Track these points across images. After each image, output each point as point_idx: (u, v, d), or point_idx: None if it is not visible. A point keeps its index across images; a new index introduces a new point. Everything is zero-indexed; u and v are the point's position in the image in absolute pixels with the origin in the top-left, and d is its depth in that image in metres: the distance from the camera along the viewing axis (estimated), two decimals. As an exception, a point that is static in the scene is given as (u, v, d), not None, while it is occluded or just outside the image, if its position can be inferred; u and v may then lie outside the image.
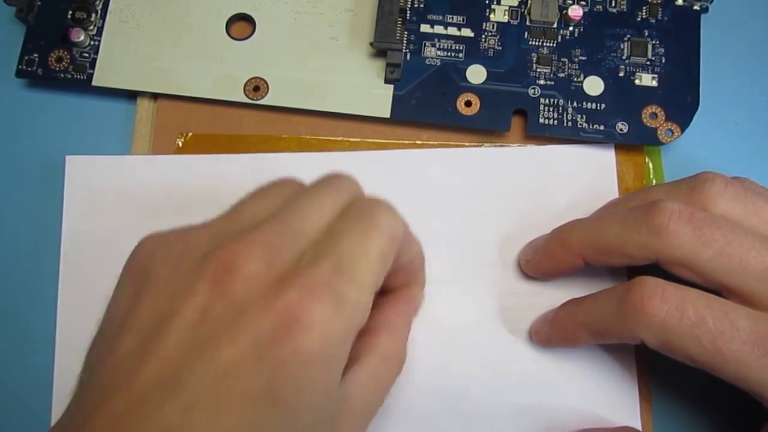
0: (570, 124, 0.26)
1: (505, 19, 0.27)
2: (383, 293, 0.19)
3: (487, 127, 0.26)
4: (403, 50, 0.27)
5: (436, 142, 0.27)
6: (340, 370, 0.17)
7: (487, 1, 0.27)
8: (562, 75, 0.26)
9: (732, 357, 0.19)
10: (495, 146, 0.27)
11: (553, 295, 0.24)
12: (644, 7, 0.27)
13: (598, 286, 0.24)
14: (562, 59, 0.27)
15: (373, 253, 0.17)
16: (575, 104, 0.26)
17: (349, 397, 0.18)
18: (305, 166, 0.26)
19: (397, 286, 0.22)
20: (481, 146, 0.27)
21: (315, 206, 0.18)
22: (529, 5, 0.27)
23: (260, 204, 0.19)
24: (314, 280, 0.16)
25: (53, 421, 0.24)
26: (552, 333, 0.23)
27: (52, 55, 0.27)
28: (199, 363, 0.15)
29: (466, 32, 0.27)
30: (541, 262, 0.24)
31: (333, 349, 0.16)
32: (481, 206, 0.26)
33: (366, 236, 0.18)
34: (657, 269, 0.21)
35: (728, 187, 0.21)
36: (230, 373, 0.15)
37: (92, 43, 0.27)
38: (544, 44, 0.27)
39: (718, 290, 0.20)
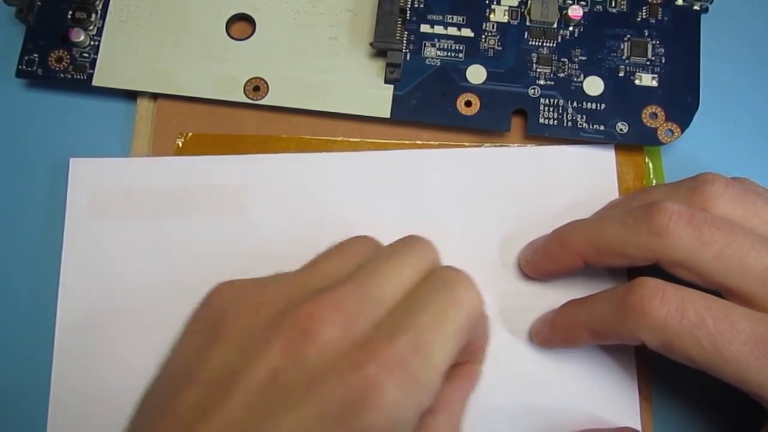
0: (570, 124, 0.26)
1: (505, 19, 0.27)
2: None
3: (487, 127, 0.26)
4: (403, 50, 0.27)
5: (436, 143, 0.27)
6: None
7: (487, 1, 0.27)
8: (562, 75, 0.26)
9: (732, 358, 0.19)
10: (495, 146, 0.26)
11: (553, 296, 0.24)
12: (644, 7, 0.27)
13: (598, 287, 0.24)
14: (562, 59, 0.27)
15: (451, 332, 0.17)
16: (575, 104, 0.26)
17: None
18: (305, 167, 0.26)
19: (458, 362, 0.21)
20: (481, 146, 0.27)
21: (394, 272, 0.18)
22: (529, 5, 0.27)
23: (337, 263, 0.19)
24: (391, 357, 0.16)
25: (50, 422, 0.24)
26: (552, 334, 0.23)
27: (52, 55, 0.27)
28: (262, 428, 0.15)
29: (466, 32, 0.27)
30: (540, 262, 0.24)
31: (399, 430, 0.16)
32: (481, 206, 0.26)
33: (445, 312, 0.17)
34: (657, 270, 0.21)
35: (728, 188, 0.21)
36: None
37: (92, 43, 0.27)
38: (544, 44, 0.27)
39: (719, 291, 0.20)
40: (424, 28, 0.27)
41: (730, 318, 0.19)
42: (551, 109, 0.26)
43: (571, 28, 0.27)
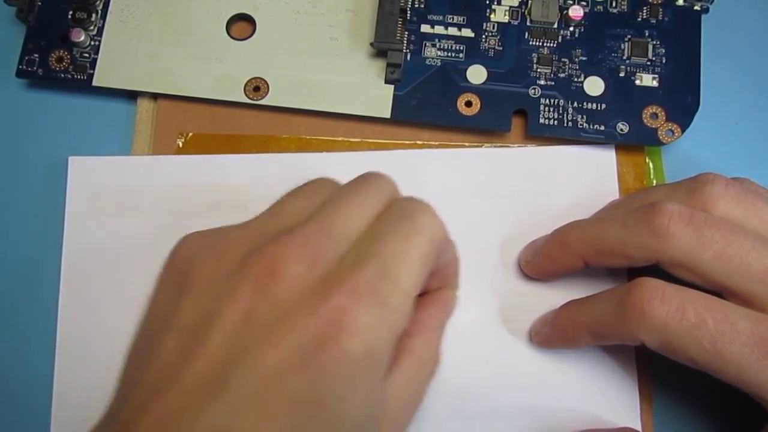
0: (570, 124, 0.26)
1: (506, 19, 0.27)
2: (418, 296, 0.19)
3: (487, 127, 0.26)
4: (404, 50, 0.27)
5: (436, 143, 0.27)
6: (381, 375, 0.17)
7: (487, 2, 0.27)
8: (562, 75, 0.26)
9: (732, 358, 0.19)
10: (495, 147, 0.26)
11: (553, 296, 0.24)
12: (645, 8, 0.27)
13: (598, 287, 0.24)
14: (562, 59, 0.27)
15: (415, 256, 0.17)
16: (575, 104, 0.26)
17: (388, 402, 0.18)
18: (305, 167, 0.26)
19: (431, 289, 0.22)
20: (481, 147, 0.27)
21: (354, 207, 0.18)
22: (529, 5, 0.27)
23: (298, 204, 0.19)
24: (358, 284, 0.16)
25: (53, 421, 0.24)
26: (552, 334, 0.23)
27: (52, 55, 0.27)
28: (244, 365, 0.15)
29: (467, 32, 0.27)
30: (541, 263, 0.24)
31: (376, 354, 0.16)
32: (482, 207, 0.26)
33: (408, 239, 0.17)
34: (657, 270, 0.21)
35: (728, 189, 0.21)
36: (275, 377, 0.15)
37: (92, 43, 0.27)
38: (545, 44, 0.27)
39: (719, 292, 0.20)
40: (425, 28, 0.27)
41: (730, 318, 0.19)
42: (552, 109, 0.26)
43: (571, 29, 0.27)
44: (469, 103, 0.26)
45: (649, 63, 0.26)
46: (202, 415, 0.15)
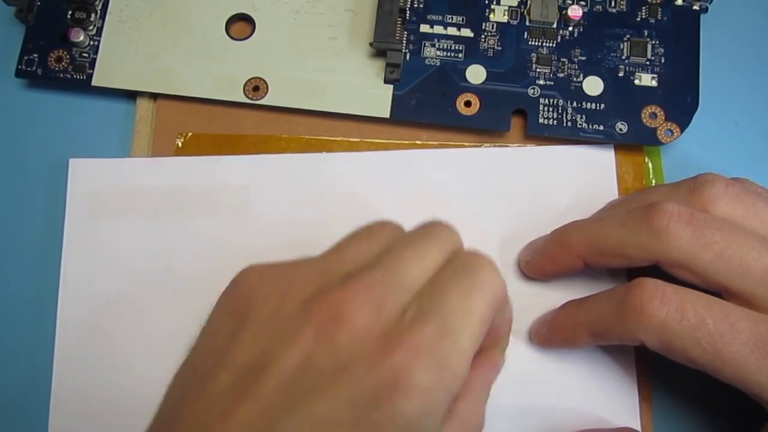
0: (569, 124, 0.26)
1: (505, 19, 0.27)
2: None
3: (486, 127, 0.26)
4: (403, 50, 0.27)
5: (435, 142, 0.27)
6: None
7: (486, 1, 0.27)
8: (561, 75, 0.26)
9: (732, 359, 0.18)
10: (495, 146, 0.26)
11: (552, 296, 0.24)
12: (644, 7, 0.27)
13: (598, 287, 0.24)
14: (561, 59, 0.27)
15: (476, 315, 0.17)
16: (575, 104, 0.26)
17: None
18: (305, 167, 0.26)
19: (480, 348, 0.21)
20: (480, 146, 0.27)
21: (418, 256, 0.18)
22: (528, 5, 0.27)
23: (362, 248, 0.19)
24: (419, 342, 0.16)
25: (51, 423, 0.24)
26: (552, 334, 0.23)
27: (51, 55, 0.27)
28: (295, 413, 0.15)
29: (466, 32, 0.27)
30: (540, 263, 0.24)
31: (430, 415, 0.16)
32: (481, 206, 0.26)
33: (469, 296, 0.17)
34: (657, 270, 0.21)
35: (728, 189, 0.21)
36: (324, 429, 0.15)
37: (92, 43, 0.27)
38: (544, 44, 0.27)
39: (719, 292, 0.20)
40: (424, 28, 0.27)
41: (730, 319, 0.19)
42: (551, 109, 0.26)
43: (570, 28, 0.27)
44: (468, 103, 0.26)
45: (648, 63, 0.26)
46: None
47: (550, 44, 0.27)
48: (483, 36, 0.27)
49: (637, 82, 0.26)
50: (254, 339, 0.17)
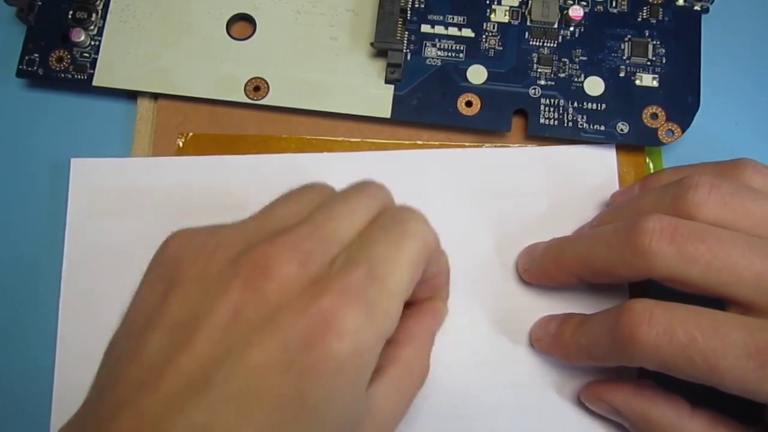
0: (570, 124, 0.26)
1: (506, 19, 0.27)
2: (408, 305, 0.19)
3: (487, 127, 0.26)
4: (404, 50, 0.27)
5: (436, 143, 0.27)
6: (367, 378, 0.17)
7: (487, 1, 0.27)
8: (562, 75, 0.26)
9: (727, 373, 0.18)
10: (495, 147, 0.26)
11: (552, 295, 0.24)
12: (645, 8, 0.27)
13: (599, 288, 0.24)
14: (562, 59, 0.27)
15: (405, 262, 0.17)
16: (576, 104, 0.26)
17: (372, 408, 0.18)
18: (306, 167, 0.26)
19: (421, 299, 0.22)
20: (481, 146, 0.27)
21: (347, 212, 0.18)
22: (529, 5, 0.27)
23: (292, 207, 0.19)
24: (347, 286, 0.16)
25: (53, 421, 0.24)
26: (554, 350, 0.23)
27: (52, 55, 0.27)
28: (228, 363, 0.15)
29: (467, 32, 0.27)
30: (537, 275, 0.24)
31: (363, 356, 0.16)
32: (481, 207, 0.26)
33: (398, 244, 0.17)
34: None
35: (712, 193, 0.20)
36: (260, 375, 0.15)
37: (93, 43, 0.27)
38: (545, 44, 0.27)
39: (718, 300, 0.20)
40: (425, 28, 0.27)
41: (720, 332, 0.18)
42: (552, 109, 0.26)
43: (571, 28, 0.27)
44: (469, 103, 0.26)
45: (649, 63, 0.26)
46: (183, 412, 0.15)
47: (551, 44, 0.27)
48: (484, 36, 0.27)
49: (638, 82, 0.26)
50: (184, 297, 0.17)
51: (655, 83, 0.26)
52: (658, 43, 0.27)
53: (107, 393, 0.16)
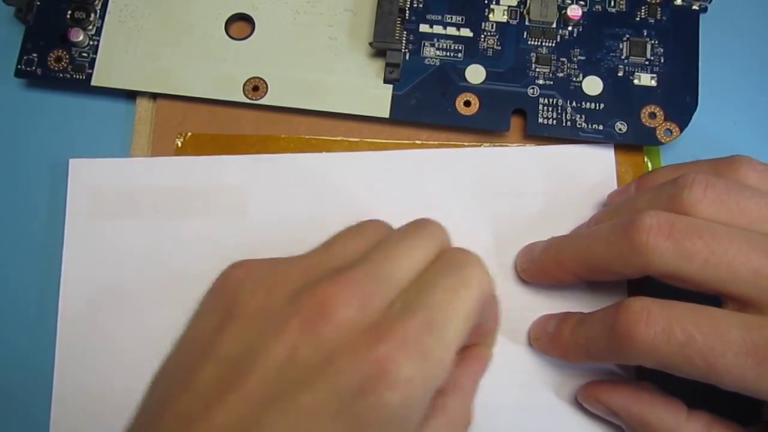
0: (569, 123, 0.26)
1: (504, 18, 0.27)
2: None
3: (486, 127, 0.26)
4: (403, 50, 0.27)
5: (435, 142, 0.27)
6: (415, 428, 0.17)
7: (486, 1, 0.27)
8: (561, 75, 0.26)
9: (726, 371, 0.18)
10: (494, 146, 0.27)
11: (552, 295, 0.24)
12: (643, 7, 0.27)
13: (598, 287, 0.24)
14: (561, 59, 0.27)
15: (462, 311, 0.17)
16: (574, 104, 0.26)
17: None
18: (305, 167, 0.26)
19: (468, 345, 0.21)
20: (480, 146, 0.27)
21: (406, 252, 0.18)
22: (528, 5, 0.27)
23: (350, 244, 0.19)
24: (404, 335, 0.16)
25: (53, 421, 0.24)
26: (553, 349, 0.23)
27: (51, 55, 0.27)
28: (280, 405, 0.15)
29: (465, 32, 0.27)
30: (536, 274, 0.24)
31: (413, 407, 0.16)
32: (480, 206, 0.26)
33: (457, 292, 0.17)
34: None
35: (708, 192, 0.20)
36: (309, 420, 0.15)
37: (91, 43, 0.27)
38: (543, 44, 0.27)
39: (716, 296, 0.20)
40: (423, 27, 0.27)
41: (719, 330, 0.18)
42: (550, 108, 0.26)
43: (570, 28, 0.27)
44: (467, 103, 0.26)
45: (647, 62, 0.26)
46: None
47: (550, 44, 0.27)
48: (482, 36, 0.27)
49: (636, 81, 0.26)
50: (240, 332, 0.17)
51: (653, 83, 0.26)
52: (657, 42, 0.27)
53: (154, 423, 0.16)
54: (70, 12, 0.27)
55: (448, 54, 0.27)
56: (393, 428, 0.16)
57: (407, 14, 0.27)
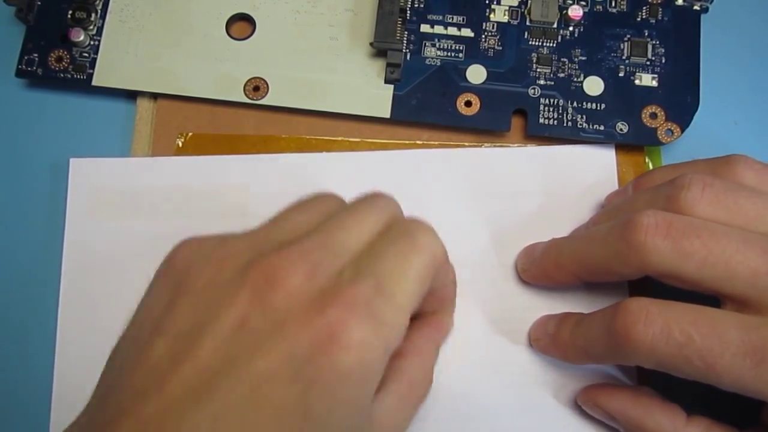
0: (570, 124, 0.26)
1: (505, 19, 0.27)
2: (413, 318, 0.19)
3: (487, 127, 0.26)
4: (403, 50, 0.27)
5: (436, 142, 0.27)
6: (372, 391, 0.17)
7: (487, 1, 0.27)
8: (562, 75, 0.26)
9: (724, 371, 0.18)
10: (495, 146, 0.27)
11: (552, 296, 0.24)
12: (644, 7, 0.27)
13: (598, 288, 0.24)
14: (562, 59, 0.27)
15: (412, 275, 0.17)
16: (575, 104, 0.26)
17: (376, 420, 0.18)
18: (305, 167, 0.26)
19: (426, 311, 0.22)
20: (481, 146, 0.27)
21: (356, 223, 0.18)
22: (529, 5, 0.27)
23: (301, 217, 0.19)
24: (354, 299, 0.16)
25: (53, 422, 0.24)
26: (553, 350, 0.23)
27: (51, 54, 0.27)
28: (233, 372, 0.15)
29: (466, 32, 0.27)
30: (537, 275, 0.24)
31: (368, 369, 0.16)
32: (481, 206, 0.26)
33: (406, 257, 0.18)
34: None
35: (706, 192, 0.20)
36: (264, 385, 0.15)
37: (92, 42, 0.27)
38: (544, 44, 0.27)
39: (714, 296, 0.20)
40: (424, 28, 0.27)
41: (717, 331, 0.18)
42: (551, 109, 0.26)
43: (571, 28, 0.27)
44: (468, 103, 0.26)
45: (648, 63, 0.26)
46: (185, 421, 0.15)
47: (551, 44, 0.27)
48: (483, 36, 0.27)
49: (637, 82, 0.26)
50: (190, 306, 0.17)
51: (654, 83, 0.26)
52: (658, 42, 0.27)
53: (109, 399, 0.16)
54: (70, 12, 0.27)
55: (449, 54, 0.27)
56: (349, 390, 0.16)
57: (408, 14, 0.27)
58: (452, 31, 0.27)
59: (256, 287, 0.16)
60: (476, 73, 0.26)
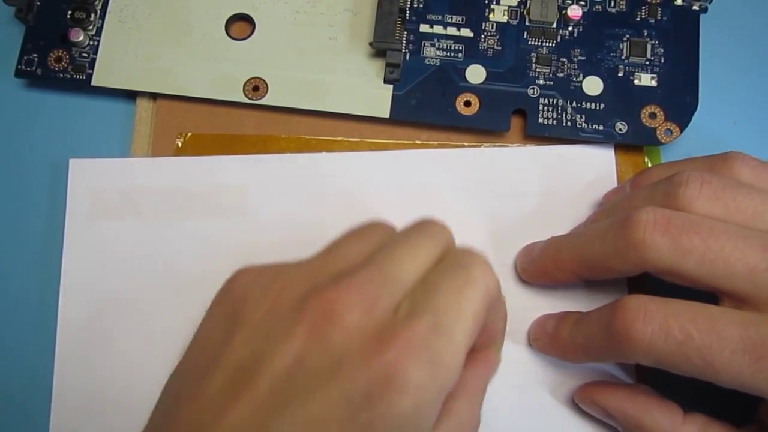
0: (569, 124, 0.26)
1: (505, 19, 0.27)
2: None
3: (486, 127, 0.26)
4: (403, 50, 0.27)
5: (435, 142, 0.27)
6: None
7: (486, 1, 0.27)
8: (561, 75, 0.26)
9: (723, 368, 0.18)
10: (494, 146, 0.27)
11: (552, 295, 0.24)
12: (643, 7, 0.27)
13: (598, 286, 0.24)
14: (561, 59, 0.27)
15: (469, 311, 0.17)
16: (574, 104, 0.26)
17: None
18: (305, 167, 0.26)
19: (476, 347, 0.21)
20: (480, 146, 0.27)
21: (409, 254, 0.18)
22: (528, 5, 0.27)
23: (354, 247, 0.19)
24: (412, 339, 0.16)
25: (53, 422, 0.24)
26: (552, 349, 0.23)
27: (51, 55, 0.27)
28: (289, 412, 0.15)
29: (466, 32, 0.27)
30: (536, 274, 0.24)
31: (424, 412, 0.16)
32: (481, 206, 0.26)
33: (462, 292, 0.17)
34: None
35: (704, 188, 0.20)
36: (318, 427, 0.15)
37: (91, 43, 0.27)
38: (544, 44, 0.27)
39: (712, 293, 0.20)
40: (424, 28, 0.27)
41: (716, 328, 0.18)
42: (550, 109, 0.26)
43: (570, 28, 0.27)
44: (468, 103, 0.26)
45: (647, 63, 0.26)
46: None
47: (550, 44, 0.27)
48: (483, 36, 0.27)
49: (636, 82, 0.26)
50: (248, 339, 0.17)
51: (653, 83, 0.26)
52: (657, 42, 0.27)
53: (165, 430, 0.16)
54: (70, 12, 0.27)
55: (448, 54, 0.27)
56: None
57: (407, 14, 0.27)
58: (451, 31, 0.27)
59: (314, 323, 0.16)
60: (475, 73, 0.26)
